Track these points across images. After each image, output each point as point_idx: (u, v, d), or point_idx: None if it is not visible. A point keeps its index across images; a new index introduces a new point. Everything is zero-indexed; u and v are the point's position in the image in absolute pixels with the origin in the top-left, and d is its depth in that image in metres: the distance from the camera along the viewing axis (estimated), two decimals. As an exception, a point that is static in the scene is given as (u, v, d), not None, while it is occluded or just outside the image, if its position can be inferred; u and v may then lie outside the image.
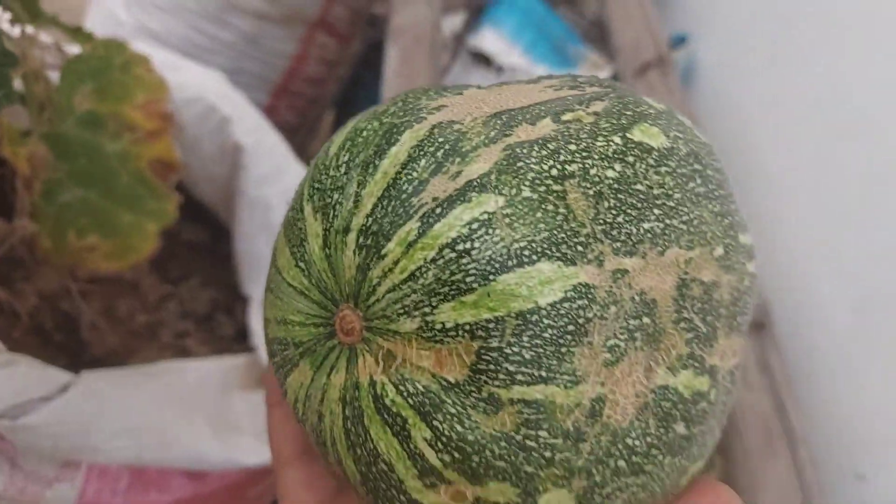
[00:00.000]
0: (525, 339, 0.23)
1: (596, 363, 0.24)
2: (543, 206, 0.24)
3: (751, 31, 0.93)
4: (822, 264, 0.73)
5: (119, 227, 0.61)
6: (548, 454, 0.23)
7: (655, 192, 0.26)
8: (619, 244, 0.25)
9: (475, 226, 0.24)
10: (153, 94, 0.62)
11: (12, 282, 0.64)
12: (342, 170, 0.27)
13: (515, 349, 0.23)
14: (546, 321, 0.23)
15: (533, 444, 0.23)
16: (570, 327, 0.23)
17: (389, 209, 0.25)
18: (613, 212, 0.25)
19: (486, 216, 0.24)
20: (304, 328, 0.28)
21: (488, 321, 0.23)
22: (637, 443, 0.24)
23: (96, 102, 0.59)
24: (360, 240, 0.25)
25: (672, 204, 0.26)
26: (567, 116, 0.27)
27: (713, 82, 0.98)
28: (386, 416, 0.24)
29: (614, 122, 0.27)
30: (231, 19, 0.97)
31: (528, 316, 0.23)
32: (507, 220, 0.24)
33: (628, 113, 0.27)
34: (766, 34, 0.90)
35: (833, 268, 0.72)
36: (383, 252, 0.25)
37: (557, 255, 0.24)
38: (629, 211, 0.25)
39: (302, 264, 0.27)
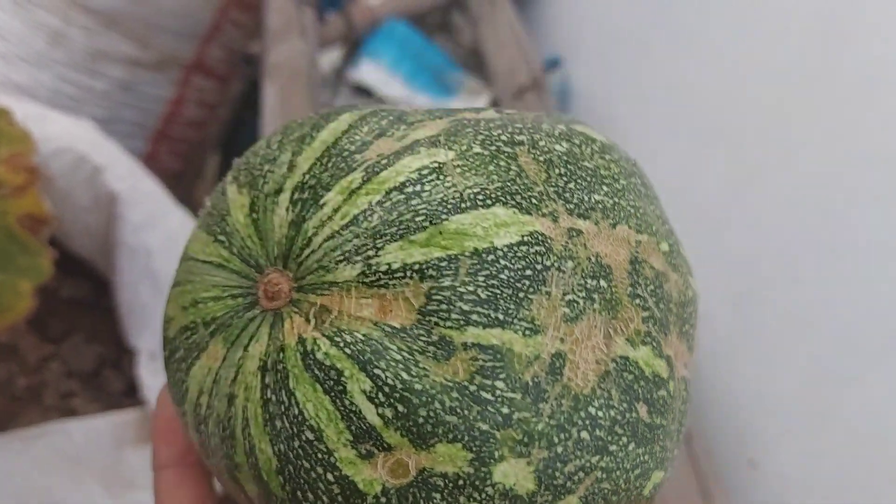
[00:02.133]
0: (481, 278, 0.21)
1: (555, 316, 0.22)
2: (495, 162, 0.23)
3: (616, 52, 0.97)
4: (704, 264, 0.77)
5: (-11, 288, 0.58)
6: (505, 410, 0.21)
7: (603, 172, 0.25)
8: (572, 206, 0.24)
9: (425, 171, 0.23)
10: (17, 147, 0.60)
11: None
12: (274, 146, 0.25)
13: (470, 288, 0.21)
14: (503, 262, 0.22)
15: (489, 396, 0.21)
16: (528, 272, 0.22)
17: (329, 165, 0.23)
18: (564, 178, 0.24)
19: (436, 164, 0.23)
20: (219, 302, 0.25)
21: (440, 260, 0.21)
22: (600, 414, 0.22)
23: (-46, 160, 0.57)
24: (295, 195, 0.23)
25: (619, 187, 0.26)
26: (509, 110, 0.27)
27: (587, 101, 1.02)
28: (317, 371, 0.21)
29: (555, 118, 0.27)
30: (102, 68, 0.94)
31: (484, 255, 0.22)
32: (458, 169, 0.23)
33: (564, 118, 0.28)
34: (630, 55, 0.94)
35: (714, 267, 0.75)
36: (322, 202, 0.23)
37: (513, 202, 0.23)
38: (579, 181, 0.24)
39: (222, 237, 0.25)
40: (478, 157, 0.23)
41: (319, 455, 0.21)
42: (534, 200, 0.23)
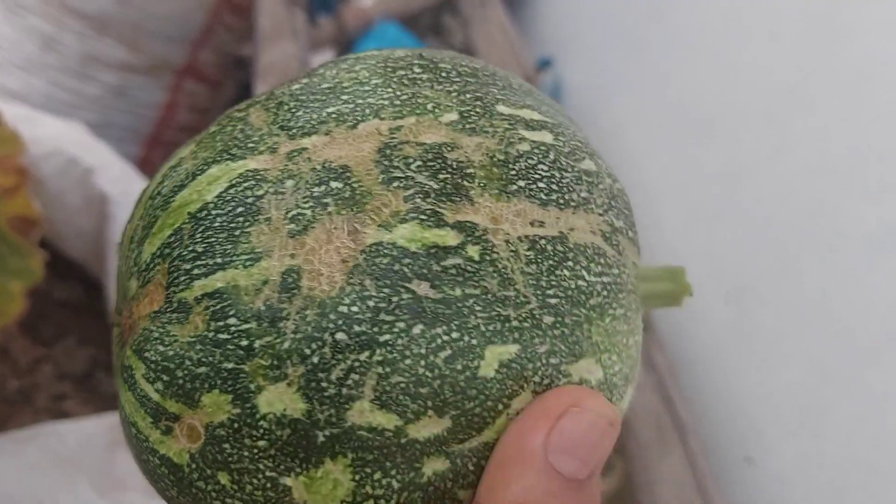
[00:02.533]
0: (198, 236, 0.23)
1: (279, 237, 0.22)
2: (222, 131, 0.25)
3: (608, 50, 0.97)
4: (698, 260, 0.76)
5: (-20, 291, 0.58)
6: (244, 342, 0.21)
7: (346, 84, 0.25)
8: (294, 131, 0.24)
9: (166, 171, 0.25)
10: (6, 148, 0.59)
11: None
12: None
13: (190, 248, 0.23)
14: (214, 212, 0.23)
15: (224, 335, 0.22)
16: (240, 209, 0.23)
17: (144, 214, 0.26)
18: (293, 110, 0.25)
19: (176, 161, 0.25)
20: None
21: (170, 237, 0.23)
22: (355, 308, 0.21)
23: (-57, 162, 0.57)
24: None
25: (367, 88, 0.25)
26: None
27: (579, 99, 1.02)
28: (124, 375, 0.24)
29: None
30: (94, 73, 0.94)
31: (198, 215, 0.23)
32: (192, 156, 0.24)
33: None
34: (622, 52, 0.94)
35: (707, 262, 0.75)
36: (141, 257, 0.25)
37: (227, 157, 0.24)
38: (310, 105, 0.25)
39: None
40: (208, 136, 0.25)
41: (143, 444, 0.23)
42: (250, 145, 0.24)
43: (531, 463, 0.21)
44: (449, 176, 0.24)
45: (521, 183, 0.24)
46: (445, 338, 0.22)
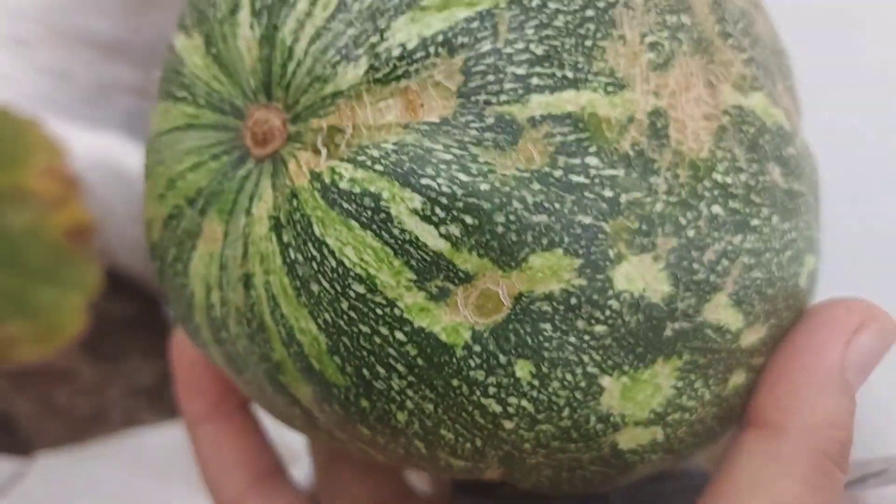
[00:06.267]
0: (529, 31, 0.17)
1: (640, 64, 0.17)
2: None
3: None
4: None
5: (40, 306, 0.56)
6: (609, 193, 0.16)
7: None
8: None
9: None
10: (52, 158, 0.57)
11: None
12: None
13: (520, 46, 0.17)
14: (553, 5, 0.17)
15: (582, 179, 0.16)
16: (589, 12, 0.17)
17: None
18: None
19: None
20: (201, 168, 0.20)
21: (470, 20, 0.16)
22: (728, 180, 0.18)
23: (-9, 176, 0.55)
24: (257, 4, 0.18)
25: None
26: None
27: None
28: (346, 205, 0.17)
29: None
30: (109, 100, 0.93)
31: (527, 2, 0.17)
32: None
33: None
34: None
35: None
36: None
37: None
38: None
39: (182, 93, 0.20)
40: None
41: (379, 311, 0.17)
42: None
43: (830, 382, 0.19)
44: (762, 51, 0.20)
45: (790, 82, 0.22)
46: (791, 236, 0.19)
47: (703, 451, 0.22)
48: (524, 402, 0.17)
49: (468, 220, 0.16)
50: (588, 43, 0.17)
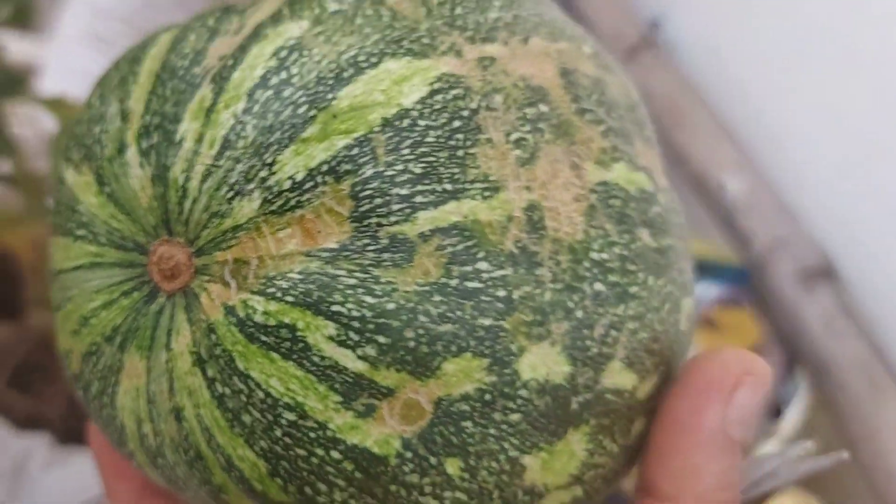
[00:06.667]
0: (405, 150, 0.18)
1: (509, 163, 0.18)
2: (361, 13, 0.19)
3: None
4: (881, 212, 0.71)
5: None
6: (502, 293, 0.18)
7: None
8: (470, 32, 0.19)
9: (283, 54, 0.18)
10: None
11: (34, 388, 0.59)
12: (96, 104, 0.21)
13: (399, 167, 0.17)
14: (422, 122, 0.18)
15: (476, 283, 0.17)
16: (456, 123, 0.18)
17: (168, 93, 0.19)
18: (447, 5, 0.20)
19: (293, 41, 0.18)
20: (113, 307, 0.20)
21: (350, 147, 0.17)
22: (605, 256, 0.19)
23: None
24: (143, 144, 0.19)
25: None
26: None
27: (693, 56, 0.98)
28: (264, 338, 0.17)
29: None
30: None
31: (397, 123, 0.18)
32: (320, 37, 0.19)
33: None
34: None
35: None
36: (178, 137, 0.18)
37: (402, 51, 0.18)
38: (465, 3, 0.20)
39: (81, 231, 0.20)
40: (338, 16, 0.19)
41: (312, 434, 0.18)
42: (425, 41, 0.19)
43: (713, 446, 0.20)
44: (617, 115, 0.21)
45: (647, 132, 0.23)
46: (666, 290, 0.21)
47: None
48: (458, 494, 0.18)
49: (381, 339, 0.17)
50: (460, 153, 0.18)
